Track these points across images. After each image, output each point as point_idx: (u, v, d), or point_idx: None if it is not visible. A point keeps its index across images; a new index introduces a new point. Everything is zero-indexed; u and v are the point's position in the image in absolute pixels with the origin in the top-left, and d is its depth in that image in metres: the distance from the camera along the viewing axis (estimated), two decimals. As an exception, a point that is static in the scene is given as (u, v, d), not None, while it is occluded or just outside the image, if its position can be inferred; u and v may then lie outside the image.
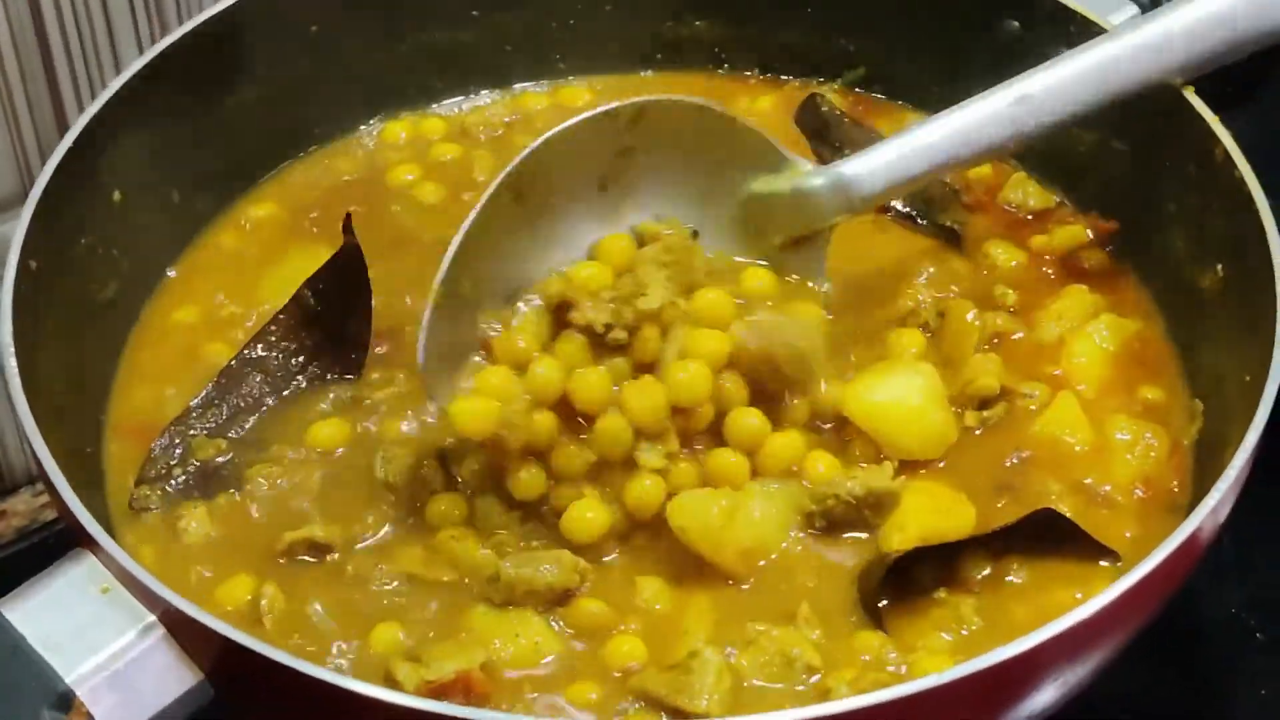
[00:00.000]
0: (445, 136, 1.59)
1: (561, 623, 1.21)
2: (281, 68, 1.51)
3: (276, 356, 1.35)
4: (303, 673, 1.04)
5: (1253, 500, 1.20)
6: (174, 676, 1.09)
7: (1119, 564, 1.22)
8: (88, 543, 1.12)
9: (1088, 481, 1.29)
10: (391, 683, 1.14)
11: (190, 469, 1.30)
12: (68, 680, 1.07)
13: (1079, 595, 1.20)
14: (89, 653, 1.08)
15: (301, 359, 1.36)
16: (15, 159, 1.56)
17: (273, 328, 1.36)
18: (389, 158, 1.57)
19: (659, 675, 1.16)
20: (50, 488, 1.14)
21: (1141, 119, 1.40)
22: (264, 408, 1.34)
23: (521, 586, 1.21)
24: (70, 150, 1.33)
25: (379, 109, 1.60)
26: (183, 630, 1.09)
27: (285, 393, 1.35)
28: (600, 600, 1.22)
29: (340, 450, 1.32)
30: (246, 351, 1.35)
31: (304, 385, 1.35)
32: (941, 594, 1.22)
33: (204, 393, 1.33)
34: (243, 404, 1.34)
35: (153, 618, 1.10)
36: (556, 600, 1.21)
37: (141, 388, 1.37)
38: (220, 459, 1.31)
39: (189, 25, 1.44)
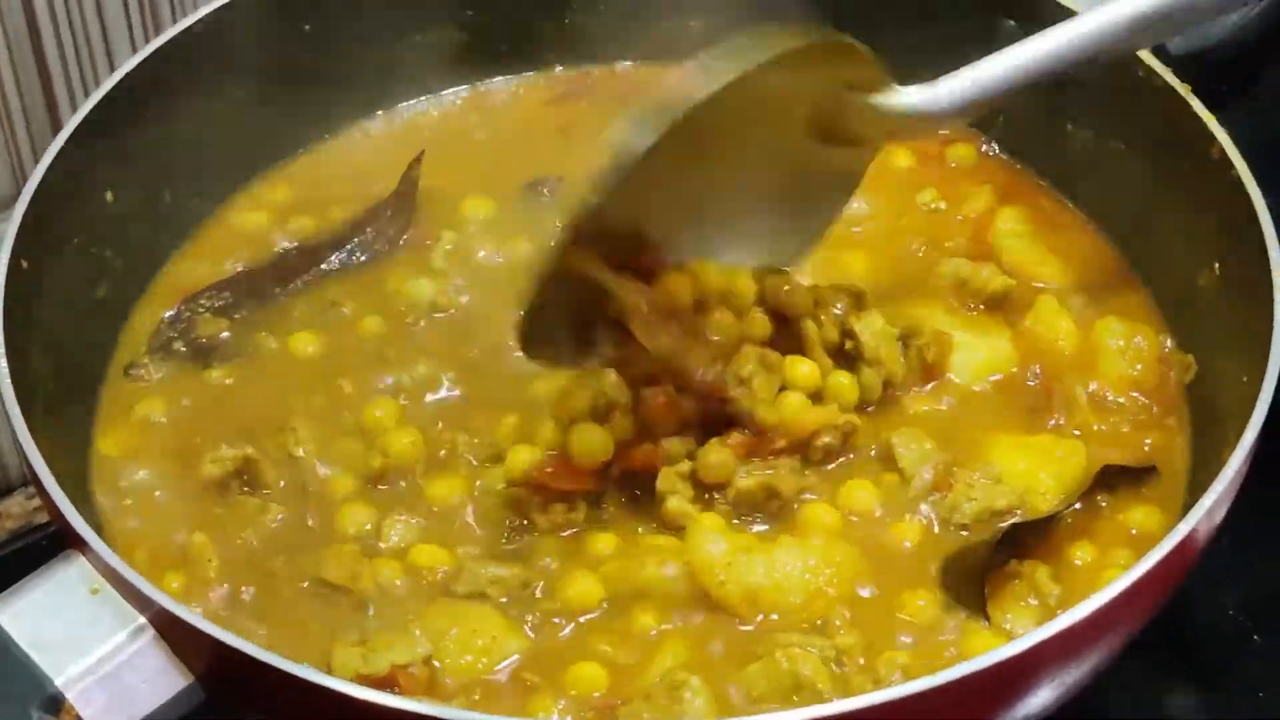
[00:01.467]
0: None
1: (532, 618, 1.20)
2: (275, 67, 1.50)
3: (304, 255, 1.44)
4: (295, 675, 1.03)
5: (1250, 502, 1.19)
6: (165, 678, 1.09)
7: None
8: (78, 544, 1.11)
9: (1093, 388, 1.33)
10: (328, 669, 1.13)
11: (190, 343, 1.36)
12: (57, 682, 1.06)
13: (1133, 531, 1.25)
14: (79, 654, 1.08)
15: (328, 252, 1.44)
16: (9, 159, 1.56)
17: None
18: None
19: (645, 705, 1.13)
20: (40, 489, 1.14)
21: (1138, 117, 1.40)
22: (275, 297, 1.41)
23: (485, 578, 1.20)
24: (62, 150, 1.33)
25: (375, 108, 1.59)
26: (173, 632, 1.08)
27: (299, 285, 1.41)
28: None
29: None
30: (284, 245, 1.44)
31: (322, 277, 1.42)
32: (1014, 565, 1.22)
33: (226, 277, 1.41)
34: (257, 291, 1.40)
35: (143, 619, 1.09)
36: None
37: (130, 388, 1.36)
38: (224, 335, 1.37)
39: (182, 24, 1.44)
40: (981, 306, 1.39)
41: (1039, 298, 1.39)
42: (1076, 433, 1.31)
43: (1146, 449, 1.30)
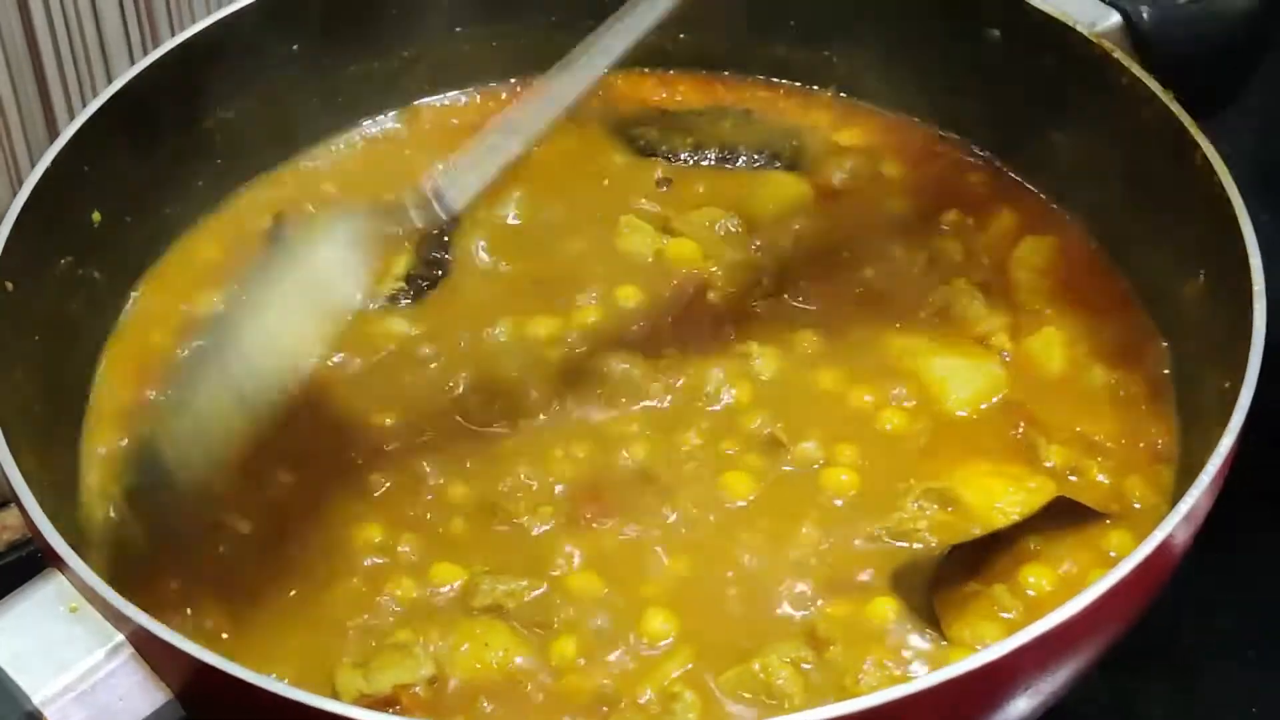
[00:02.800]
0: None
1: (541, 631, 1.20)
2: (269, 83, 1.51)
3: None
4: (274, 693, 1.03)
5: (1244, 516, 1.19)
6: (143, 696, 1.08)
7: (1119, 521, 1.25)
8: (56, 562, 1.11)
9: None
10: (333, 691, 1.13)
11: None
12: (35, 700, 1.06)
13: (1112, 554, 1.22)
14: (57, 672, 1.07)
15: None
16: (7, 171, 1.56)
17: None
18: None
19: (635, 713, 1.14)
20: (20, 507, 1.14)
21: (1122, 125, 1.39)
22: None
23: (501, 593, 1.20)
24: (56, 159, 1.33)
25: (365, 124, 1.59)
26: (151, 650, 1.08)
27: None
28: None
29: None
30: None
31: None
32: (974, 586, 1.21)
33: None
34: None
35: (121, 637, 1.09)
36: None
37: (116, 404, 1.36)
38: None
39: (180, 37, 1.44)
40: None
41: (1042, 329, 1.38)
42: (1049, 464, 1.29)
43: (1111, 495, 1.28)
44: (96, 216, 1.39)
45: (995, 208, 1.49)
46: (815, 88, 1.61)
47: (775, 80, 1.63)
